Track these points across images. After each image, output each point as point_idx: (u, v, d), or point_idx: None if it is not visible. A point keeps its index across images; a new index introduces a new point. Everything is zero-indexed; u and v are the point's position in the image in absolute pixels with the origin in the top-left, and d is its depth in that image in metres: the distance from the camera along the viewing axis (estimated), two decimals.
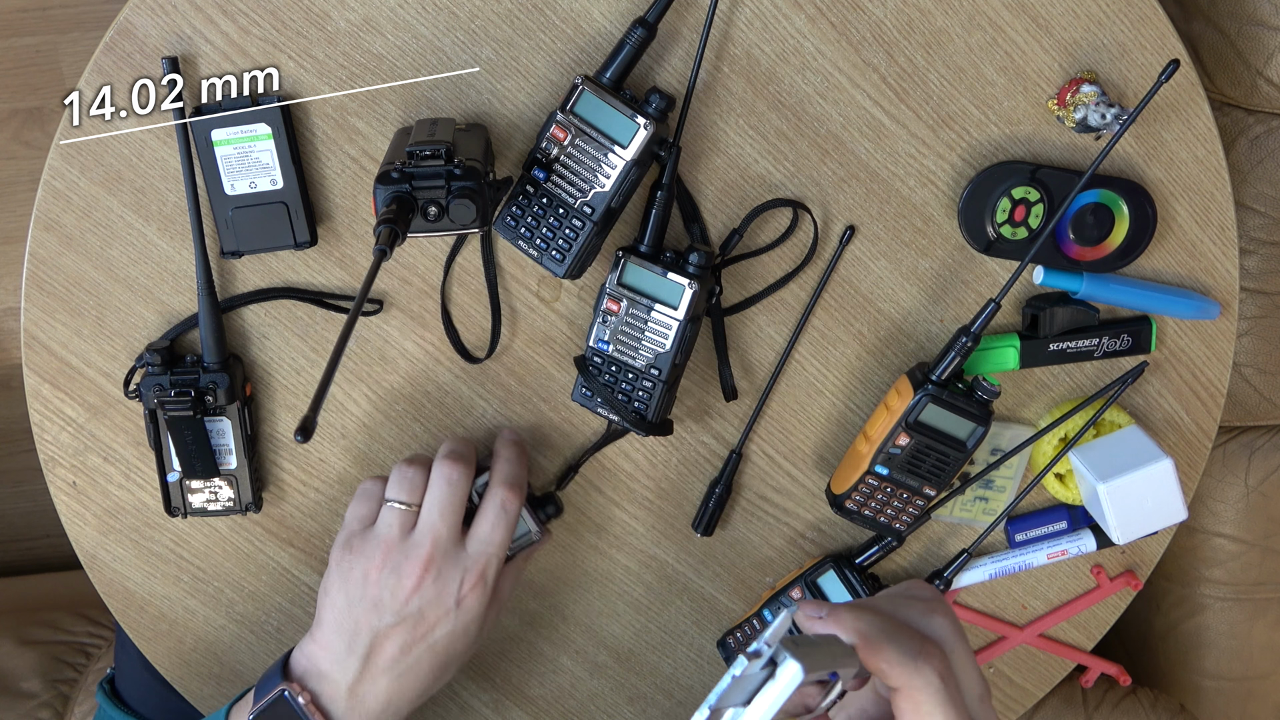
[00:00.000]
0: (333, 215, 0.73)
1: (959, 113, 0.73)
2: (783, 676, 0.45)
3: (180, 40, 0.69)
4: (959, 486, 0.79)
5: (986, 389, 0.72)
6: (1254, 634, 1.12)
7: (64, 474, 0.78)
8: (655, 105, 0.67)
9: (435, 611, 0.69)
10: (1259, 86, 0.92)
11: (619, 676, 0.86)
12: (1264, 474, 1.06)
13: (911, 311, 0.78)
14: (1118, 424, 0.79)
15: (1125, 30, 0.72)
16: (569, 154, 0.68)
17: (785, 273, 0.76)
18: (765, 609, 0.82)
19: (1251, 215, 0.96)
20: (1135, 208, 0.74)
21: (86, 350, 0.75)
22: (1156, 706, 1.12)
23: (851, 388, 0.79)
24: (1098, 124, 0.71)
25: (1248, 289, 0.98)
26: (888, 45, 0.71)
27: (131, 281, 0.74)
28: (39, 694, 1.16)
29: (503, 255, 0.75)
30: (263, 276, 0.74)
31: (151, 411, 0.74)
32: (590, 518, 0.82)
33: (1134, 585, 0.86)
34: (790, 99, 0.72)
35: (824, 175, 0.74)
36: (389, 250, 0.60)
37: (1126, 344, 0.77)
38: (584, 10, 0.70)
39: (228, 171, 0.70)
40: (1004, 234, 0.73)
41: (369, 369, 0.77)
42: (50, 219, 0.73)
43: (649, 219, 0.71)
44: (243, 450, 0.76)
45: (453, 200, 0.64)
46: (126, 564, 0.80)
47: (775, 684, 0.45)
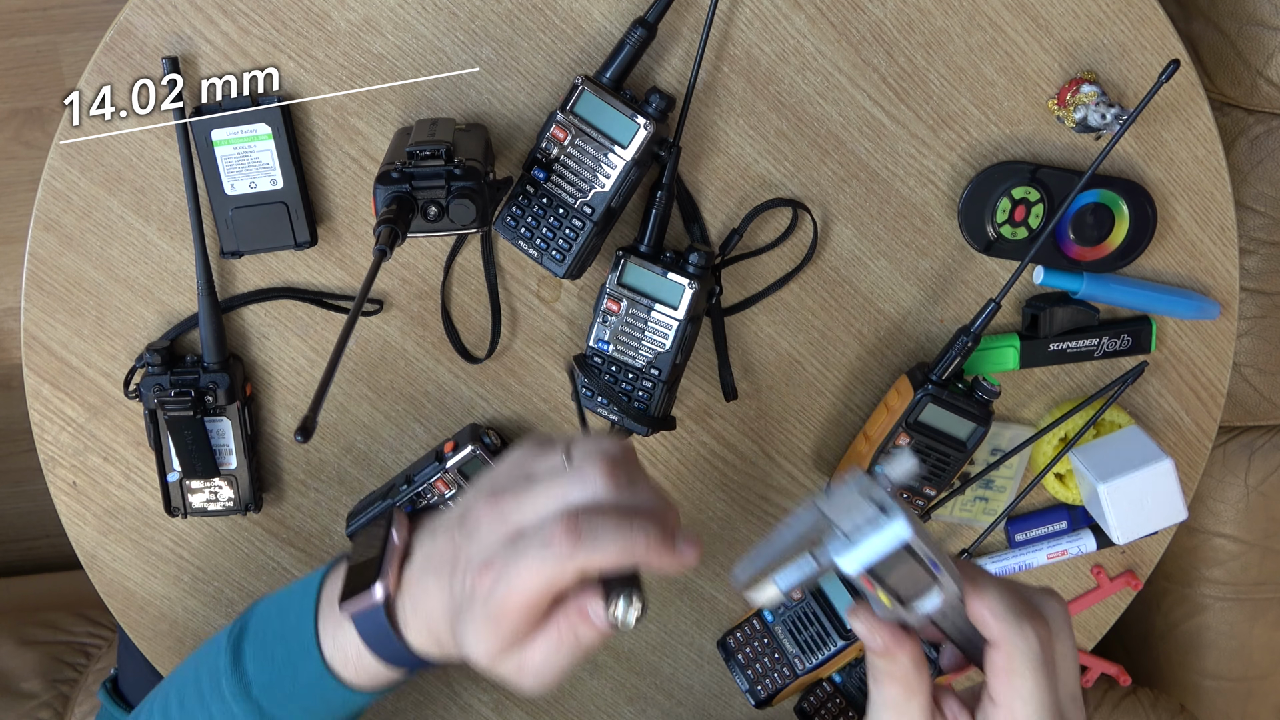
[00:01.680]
0: (333, 215, 0.73)
1: (959, 113, 0.73)
2: (890, 530, 0.44)
3: (180, 40, 0.69)
4: (959, 486, 0.79)
5: (986, 389, 0.72)
6: (1254, 634, 1.12)
7: (64, 474, 0.78)
8: (655, 105, 0.67)
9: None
10: (1259, 86, 0.92)
11: (619, 676, 0.86)
12: (1264, 474, 1.06)
13: (911, 311, 0.78)
14: (1118, 424, 0.80)
15: (1125, 30, 0.72)
16: (569, 154, 0.68)
17: (785, 273, 0.76)
18: (765, 609, 0.82)
19: (1251, 215, 0.96)
20: (1135, 208, 0.74)
21: (86, 350, 0.75)
22: (1156, 706, 1.12)
23: (851, 388, 0.79)
24: (1098, 124, 0.71)
25: (1248, 289, 0.98)
26: (888, 45, 0.71)
27: (131, 281, 0.74)
28: (39, 694, 1.16)
29: (503, 255, 0.75)
30: (263, 276, 0.74)
31: (151, 411, 0.74)
32: None
33: (1134, 585, 0.86)
34: (790, 99, 0.72)
35: (824, 175, 0.74)
36: (389, 250, 0.60)
37: (1126, 344, 0.77)
38: (584, 10, 0.70)
39: (228, 171, 0.70)
40: (1004, 234, 0.73)
41: (369, 369, 0.77)
42: (50, 219, 0.73)
43: (649, 219, 0.71)
44: (243, 450, 0.76)
45: (453, 200, 0.64)
46: (126, 564, 0.80)
47: (880, 535, 0.45)
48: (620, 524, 0.50)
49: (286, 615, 0.63)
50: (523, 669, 0.54)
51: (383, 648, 0.58)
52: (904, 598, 0.47)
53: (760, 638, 0.83)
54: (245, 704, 0.61)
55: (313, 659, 0.60)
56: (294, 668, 0.61)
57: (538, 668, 0.53)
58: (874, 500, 0.46)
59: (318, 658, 0.60)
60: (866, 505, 0.45)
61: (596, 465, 0.52)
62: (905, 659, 0.49)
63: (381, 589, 0.57)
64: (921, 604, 0.47)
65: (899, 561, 0.45)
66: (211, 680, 0.63)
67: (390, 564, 0.58)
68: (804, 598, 0.81)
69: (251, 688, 0.61)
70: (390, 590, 0.57)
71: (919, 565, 0.46)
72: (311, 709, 0.61)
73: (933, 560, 0.46)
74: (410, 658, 0.59)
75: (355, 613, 0.58)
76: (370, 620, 0.58)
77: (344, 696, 0.61)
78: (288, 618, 0.62)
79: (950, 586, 0.47)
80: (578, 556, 0.49)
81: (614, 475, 0.51)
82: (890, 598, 0.47)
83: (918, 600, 0.47)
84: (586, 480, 0.51)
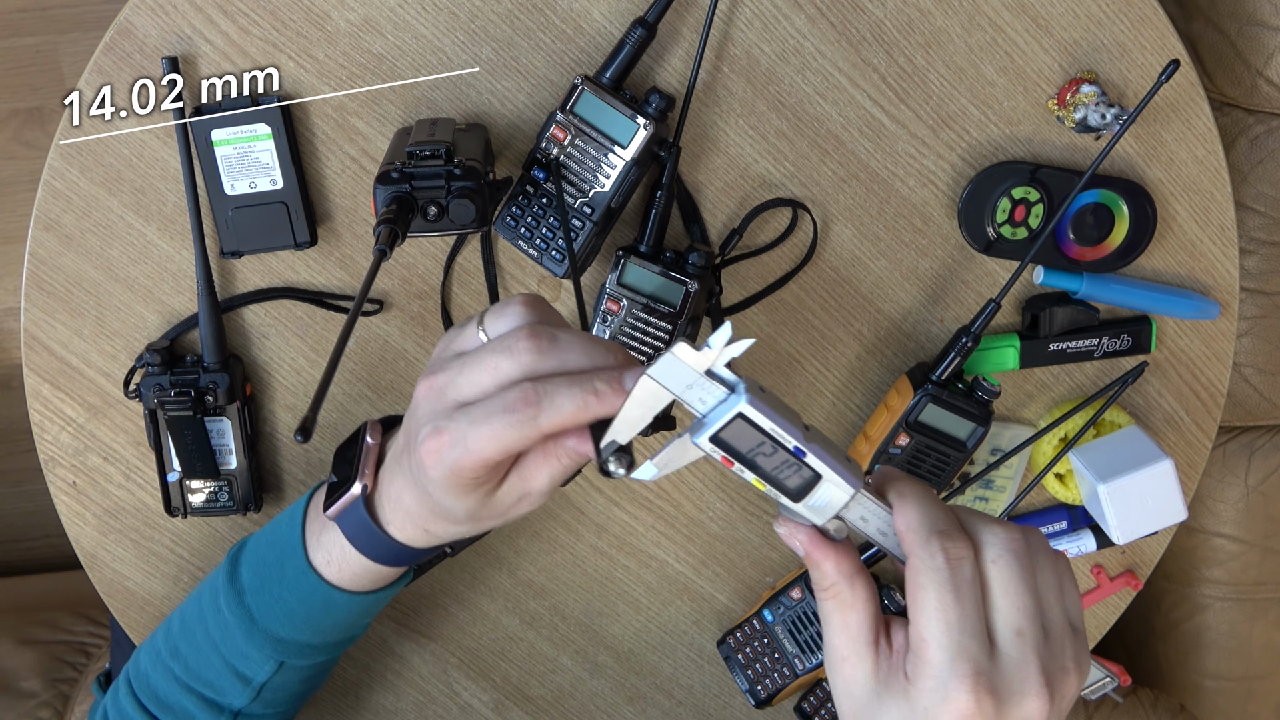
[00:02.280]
0: (333, 215, 0.73)
1: (959, 113, 0.73)
2: (730, 403, 0.46)
3: (180, 40, 0.69)
4: (959, 486, 0.79)
5: (986, 389, 0.72)
6: (1254, 634, 1.12)
7: (64, 474, 0.78)
8: (655, 105, 0.67)
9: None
10: (1259, 86, 0.92)
11: (619, 676, 0.86)
12: (1264, 474, 1.06)
13: (911, 311, 0.78)
14: (1118, 424, 0.79)
15: (1125, 30, 0.72)
16: (569, 154, 0.68)
17: (785, 272, 0.76)
18: (765, 609, 0.82)
19: (1251, 215, 0.96)
20: (1135, 208, 0.74)
21: (86, 350, 0.75)
22: (1156, 706, 1.12)
23: (851, 388, 0.79)
24: (1098, 124, 0.71)
25: (1248, 289, 0.98)
26: (888, 45, 0.71)
27: (131, 281, 0.74)
28: (39, 694, 1.17)
29: (503, 255, 0.75)
30: (263, 276, 0.74)
31: (151, 411, 0.74)
32: (590, 518, 0.82)
33: (1134, 585, 0.86)
34: (790, 99, 0.72)
35: (824, 175, 0.74)
36: (389, 250, 0.60)
37: (1126, 344, 0.77)
38: (584, 10, 0.70)
39: (228, 171, 0.70)
40: (1004, 234, 0.73)
41: (369, 369, 0.77)
42: (50, 219, 0.73)
43: (649, 219, 0.71)
44: (243, 450, 0.76)
45: (453, 200, 0.64)
46: (126, 564, 0.80)
47: (722, 406, 0.47)
48: (572, 385, 0.51)
49: (279, 527, 0.66)
50: (526, 490, 0.55)
51: (369, 546, 0.60)
52: (789, 490, 0.48)
53: (760, 638, 0.83)
54: (238, 610, 0.65)
55: (298, 559, 0.63)
56: (281, 569, 0.64)
57: (537, 486, 0.55)
58: (721, 377, 0.47)
59: (302, 559, 0.63)
60: (711, 383, 0.47)
61: (516, 335, 0.52)
62: (830, 568, 0.48)
63: (359, 486, 0.59)
64: (814, 500, 0.48)
65: (752, 438, 0.47)
66: (211, 594, 0.67)
67: (366, 464, 0.60)
68: (804, 598, 0.81)
69: (245, 595, 0.65)
70: (368, 487, 0.59)
71: (778, 447, 0.47)
72: (296, 611, 0.64)
73: (798, 447, 0.47)
74: (399, 551, 0.60)
75: (336, 514, 0.60)
76: (352, 519, 0.60)
77: (327, 594, 0.63)
78: (279, 529, 0.65)
79: (832, 475, 0.47)
80: (539, 420, 0.50)
81: (535, 339, 0.52)
82: (766, 483, 0.48)
83: (809, 498, 0.48)
84: (513, 350, 0.52)
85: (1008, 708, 0.46)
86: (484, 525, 0.58)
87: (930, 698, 0.46)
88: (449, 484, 0.53)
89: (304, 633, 0.65)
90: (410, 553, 0.61)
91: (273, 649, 0.65)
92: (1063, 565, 0.49)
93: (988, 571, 0.47)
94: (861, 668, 0.48)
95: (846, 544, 0.50)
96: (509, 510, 0.56)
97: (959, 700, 0.45)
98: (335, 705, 0.84)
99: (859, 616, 0.48)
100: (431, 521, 0.58)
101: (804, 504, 0.48)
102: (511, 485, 0.55)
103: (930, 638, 0.46)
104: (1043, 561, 0.49)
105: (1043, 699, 0.46)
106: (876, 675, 0.48)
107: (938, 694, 0.45)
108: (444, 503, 0.55)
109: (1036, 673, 0.46)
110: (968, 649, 0.45)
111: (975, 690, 0.45)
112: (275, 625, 0.64)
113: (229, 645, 0.65)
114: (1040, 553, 0.49)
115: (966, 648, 0.45)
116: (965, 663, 0.45)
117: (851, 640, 0.49)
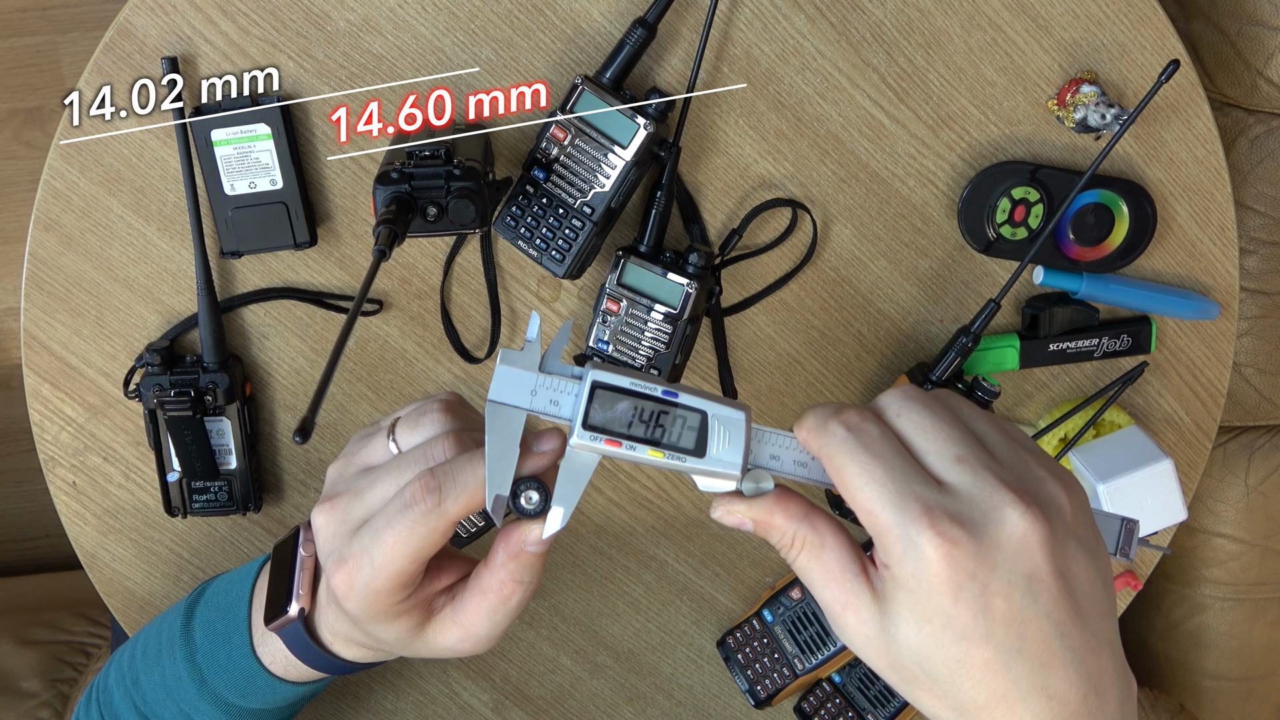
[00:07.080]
0: (333, 215, 0.73)
1: (959, 113, 0.73)
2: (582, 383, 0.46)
3: (180, 40, 0.69)
4: None
5: (986, 389, 0.72)
6: (1254, 634, 1.12)
7: (64, 474, 0.78)
8: (655, 105, 0.67)
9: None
10: (1259, 86, 0.92)
11: (619, 676, 0.86)
12: (1264, 474, 1.06)
13: (911, 311, 0.78)
14: (1118, 424, 0.79)
15: (1125, 30, 0.72)
16: (569, 154, 0.68)
17: (785, 273, 0.76)
18: (765, 609, 0.82)
19: (1251, 215, 0.96)
20: (1135, 208, 0.74)
21: (86, 350, 0.75)
22: (1156, 707, 1.12)
23: (851, 388, 0.79)
24: (1098, 124, 0.71)
25: (1248, 289, 0.98)
26: (888, 45, 0.71)
27: (131, 281, 0.74)
28: (39, 694, 1.16)
29: (503, 255, 0.75)
30: (263, 276, 0.74)
31: (151, 411, 0.74)
32: (590, 518, 0.82)
33: (1134, 585, 0.86)
34: (790, 99, 0.72)
35: (824, 175, 0.74)
36: (389, 250, 0.60)
37: (1126, 344, 0.77)
38: (584, 10, 0.70)
39: (227, 171, 0.70)
40: (1004, 234, 0.73)
41: (369, 369, 0.77)
42: (50, 219, 0.73)
43: (649, 219, 0.71)
44: (242, 450, 0.76)
45: (452, 200, 0.64)
46: (126, 564, 0.80)
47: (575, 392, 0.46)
48: (472, 455, 0.48)
49: (231, 589, 0.64)
50: (466, 635, 0.52)
51: (314, 660, 0.59)
52: (687, 448, 0.46)
53: (760, 638, 0.83)
54: (189, 668, 0.62)
55: (243, 642, 0.61)
56: (228, 644, 0.62)
57: (480, 630, 0.52)
58: (561, 371, 0.47)
59: (247, 645, 0.61)
60: (555, 379, 0.46)
61: (437, 445, 0.50)
62: (780, 519, 0.45)
63: (296, 609, 0.57)
64: (716, 449, 0.46)
65: (622, 406, 0.45)
66: (169, 639, 0.64)
67: (300, 583, 0.57)
68: (803, 598, 0.81)
69: (196, 654, 0.62)
70: (305, 610, 0.57)
71: (649, 401, 0.45)
72: (242, 685, 0.62)
73: (666, 390, 0.45)
74: (345, 665, 0.59)
75: (277, 630, 0.58)
76: (293, 636, 0.58)
77: (271, 683, 0.61)
78: (231, 592, 0.63)
79: (714, 407, 0.45)
80: (445, 505, 0.47)
81: (461, 448, 0.49)
82: (664, 451, 0.46)
83: (711, 448, 0.46)
84: (431, 462, 0.49)
85: (987, 531, 0.41)
86: (436, 654, 0.54)
87: (909, 564, 0.41)
88: (370, 613, 0.51)
89: (252, 701, 0.63)
90: (360, 665, 0.59)
91: (224, 710, 0.63)
92: (980, 409, 0.46)
93: (896, 425, 0.44)
94: (862, 602, 0.43)
95: (787, 492, 0.46)
96: (456, 647, 0.53)
97: (929, 545, 0.40)
98: (335, 705, 0.84)
99: (833, 553, 0.44)
100: (375, 644, 0.55)
101: (710, 458, 0.45)
102: (445, 621, 0.52)
103: (871, 504, 0.42)
104: (957, 404, 0.45)
105: (1021, 510, 0.41)
106: (877, 600, 0.43)
107: (911, 554, 0.41)
108: (373, 633, 0.52)
109: (998, 487, 0.41)
110: (911, 493, 0.41)
111: (936, 525, 0.40)
112: (224, 691, 0.62)
113: (182, 695, 0.63)
114: (952, 398, 0.46)
115: (909, 492, 0.41)
116: (914, 504, 0.41)
117: (839, 581, 0.44)
